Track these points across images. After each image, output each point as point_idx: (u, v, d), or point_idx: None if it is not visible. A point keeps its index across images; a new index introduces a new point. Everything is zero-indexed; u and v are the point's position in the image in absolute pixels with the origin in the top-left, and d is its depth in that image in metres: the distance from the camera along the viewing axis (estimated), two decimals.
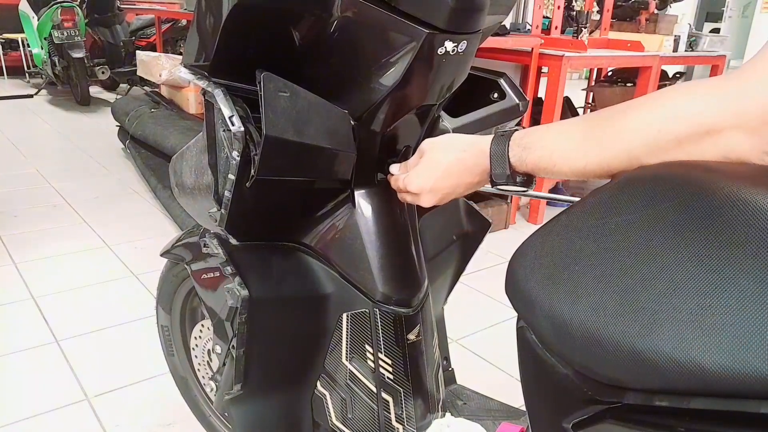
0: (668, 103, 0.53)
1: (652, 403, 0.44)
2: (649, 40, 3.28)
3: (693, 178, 0.45)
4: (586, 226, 0.52)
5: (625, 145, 0.54)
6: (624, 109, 0.56)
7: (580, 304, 0.47)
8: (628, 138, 0.54)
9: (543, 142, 0.63)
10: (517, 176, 0.67)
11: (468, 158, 0.71)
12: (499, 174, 0.67)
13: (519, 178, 0.67)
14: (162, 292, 1.27)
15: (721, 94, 0.49)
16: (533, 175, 0.67)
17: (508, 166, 0.66)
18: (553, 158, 0.62)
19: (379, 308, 0.85)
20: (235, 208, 0.77)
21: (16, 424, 1.47)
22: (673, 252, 0.43)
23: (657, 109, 0.53)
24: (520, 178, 0.67)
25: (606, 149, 0.56)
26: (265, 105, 0.69)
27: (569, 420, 0.51)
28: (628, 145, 0.54)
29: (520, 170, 0.66)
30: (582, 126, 0.60)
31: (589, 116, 0.60)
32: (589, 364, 0.48)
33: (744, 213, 0.40)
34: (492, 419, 1.05)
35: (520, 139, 0.66)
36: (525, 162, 0.65)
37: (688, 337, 0.40)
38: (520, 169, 0.66)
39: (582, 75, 7.76)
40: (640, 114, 0.54)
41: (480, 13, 0.74)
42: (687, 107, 0.51)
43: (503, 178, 0.67)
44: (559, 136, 0.62)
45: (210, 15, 0.75)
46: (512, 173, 0.67)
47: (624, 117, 0.56)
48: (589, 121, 0.60)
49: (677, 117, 0.51)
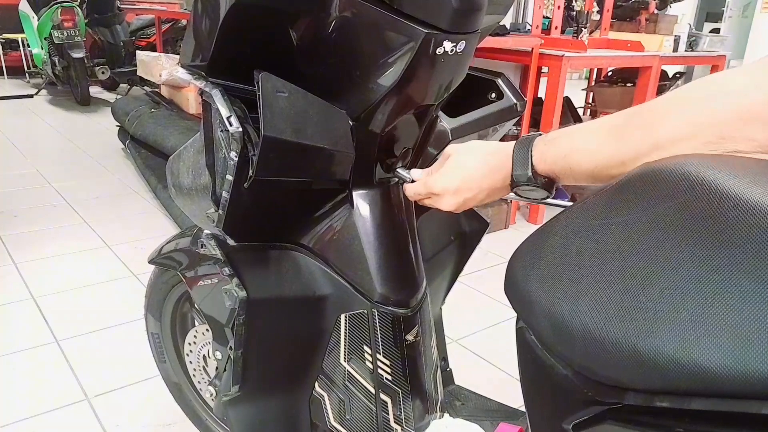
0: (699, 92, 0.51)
1: (653, 404, 0.44)
2: (649, 40, 3.27)
3: (694, 177, 0.44)
4: (586, 226, 0.51)
5: (649, 131, 0.53)
6: (653, 101, 0.55)
7: (580, 304, 0.47)
8: (651, 125, 0.53)
9: (567, 135, 0.63)
10: (538, 177, 0.66)
11: (492, 160, 0.71)
12: (520, 174, 0.67)
13: (540, 179, 0.66)
14: (151, 299, 1.27)
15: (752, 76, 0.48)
16: (554, 180, 0.66)
17: (530, 165, 0.65)
18: (573, 150, 0.61)
19: (378, 309, 0.84)
20: (232, 208, 0.76)
21: (16, 424, 1.47)
22: (674, 252, 0.43)
23: (685, 94, 0.52)
24: (540, 179, 0.66)
25: (629, 135, 0.55)
26: (263, 105, 0.69)
27: (569, 421, 0.50)
28: (652, 132, 0.53)
29: (541, 169, 0.65)
30: (609, 119, 0.59)
31: (616, 114, 0.59)
32: (589, 365, 0.47)
33: (745, 212, 0.40)
34: (490, 420, 1.04)
35: (545, 137, 0.66)
36: (546, 158, 0.64)
37: (689, 338, 0.39)
38: (541, 167, 0.65)
39: (582, 75, 7.76)
40: (670, 105, 0.53)
41: (478, 12, 0.74)
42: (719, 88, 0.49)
43: (524, 179, 0.66)
44: (584, 128, 0.61)
45: (207, 15, 0.75)
46: (533, 174, 0.66)
47: (651, 111, 0.54)
48: (617, 115, 0.59)
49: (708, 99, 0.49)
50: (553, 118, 2.75)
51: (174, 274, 1.15)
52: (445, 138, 0.94)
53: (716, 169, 0.44)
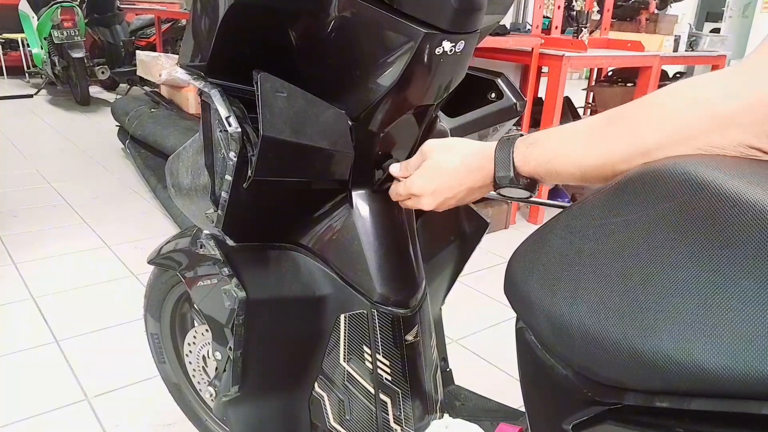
0: (677, 95, 0.52)
1: (653, 404, 0.43)
2: (649, 40, 3.27)
3: (693, 177, 0.44)
4: (585, 226, 0.51)
5: (633, 138, 0.53)
6: (632, 106, 0.55)
7: (580, 304, 0.47)
8: (635, 132, 0.53)
9: (548, 139, 0.63)
10: (520, 179, 0.66)
11: (472, 162, 0.71)
12: (503, 177, 0.66)
13: (522, 180, 0.66)
14: (150, 299, 1.27)
15: (727, 83, 0.49)
16: (537, 180, 0.66)
17: (512, 167, 0.65)
18: (557, 155, 0.61)
19: (377, 309, 0.84)
20: (232, 209, 0.76)
21: (16, 424, 1.47)
22: (674, 252, 0.43)
23: (667, 102, 0.52)
24: (523, 180, 0.66)
25: (612, 142, 0.55)
26: (262, 105, 0.69)
27: (569, 421, 0.50)
28: (636, 139, 0.53)
29: (524, 171, 0.65)
30: (590, 123, 0.59)
31: (596, 116, 0.60)
32: (589, 365, 0.47)
33: (745, 212, 0.40)
34: (490, 420, 1.04)
35: (526, 138, 0.66)
36: (529, 161, 0.64)
37: (689, 338, 0.39)
38: (524, 169, 0.65)
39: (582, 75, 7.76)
40: (652, 112, 0.53)
41: (478, 12, 0.74)
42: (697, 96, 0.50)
43: (506, 180, 0.66)
44: (565, 131, 0.61)
45: (206, 15, 0.75)
46: (516, 175, 0.65)
47: (631, 113, 0.55)
48: (596, 118, 0.59)
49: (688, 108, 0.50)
50: (553, 118, 2.75)
51: (173, 275, 1.15)
52: (444, 138, 0.94)
53: (716, 169, 0.44)
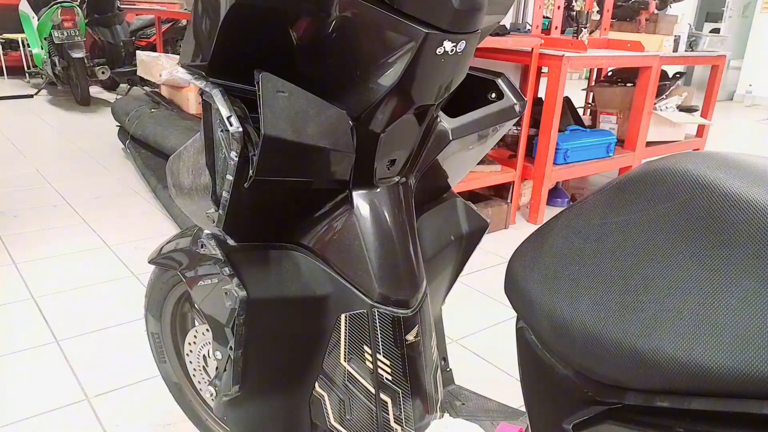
0: None
1: (653, 404, 0.43)
2: (649, 40, 3.27)
3: (694, 176, 0.44)
4: (586, 226, 0.51)
5: None
6: None
7: (581, 304, 0.47)
8: None
9: None
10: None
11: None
12: None
13: None
14: (151, 299, 1.27)
15: None
16: None
17: None
18: None
19: (378, 309, 0.84)
20: (233, 208, 0.76)
21: (16, 424, 1.47)
22: (674, 252, 0.43)
23: None
24: None
25: None
26: (264, 105, 0.69)
27: (569, 421, 0.50)
28: None
29: None
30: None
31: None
32: (589, 365, 0.47)
33: (745, 212, 0.40)
34: (490, 420, 1.04)
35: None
36: None
37: (690, 337, 0.39)
38: None
39: (582, 75, 7.76)
40: None
41: (479, 12, 0.74)
42: None
43: None
44: None
45: (207, 15, 0.75)
46: None
47: None
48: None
49: None
50: (553, 118, 2.75)
51: (174, 274, 1.15)
52: (445, 138, 0.94)
53: (716, 169, 0.44)
